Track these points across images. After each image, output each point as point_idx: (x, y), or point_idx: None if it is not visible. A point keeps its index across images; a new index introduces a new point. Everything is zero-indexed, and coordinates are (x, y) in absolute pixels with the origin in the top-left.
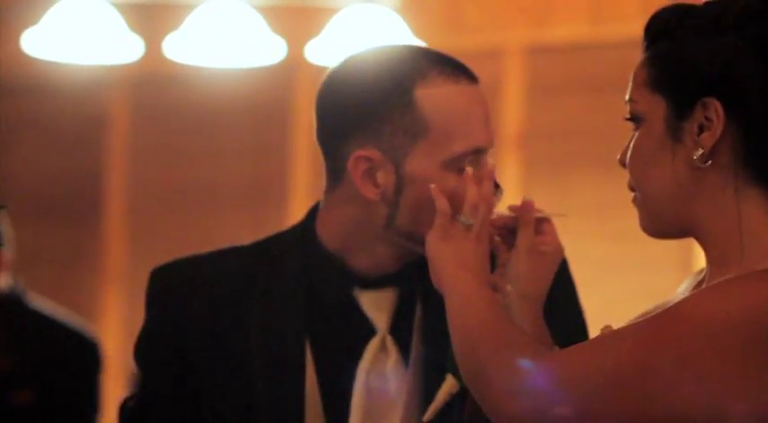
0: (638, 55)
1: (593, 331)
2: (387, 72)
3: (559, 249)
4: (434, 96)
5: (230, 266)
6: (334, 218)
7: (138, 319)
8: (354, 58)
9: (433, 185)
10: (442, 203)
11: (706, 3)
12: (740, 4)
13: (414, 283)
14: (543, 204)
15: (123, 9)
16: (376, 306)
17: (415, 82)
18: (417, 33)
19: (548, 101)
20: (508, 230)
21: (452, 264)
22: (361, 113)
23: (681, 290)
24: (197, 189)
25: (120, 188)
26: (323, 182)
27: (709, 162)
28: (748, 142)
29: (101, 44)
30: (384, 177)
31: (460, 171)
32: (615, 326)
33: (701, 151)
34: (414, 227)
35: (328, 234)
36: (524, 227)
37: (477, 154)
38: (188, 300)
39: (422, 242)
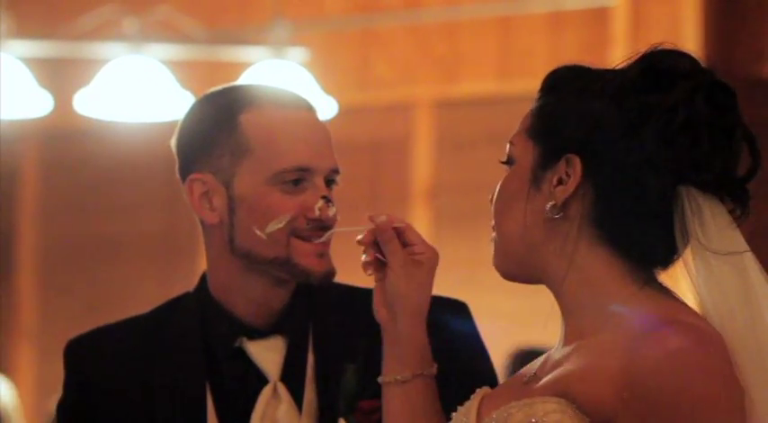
0: None
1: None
2: (219, 104)
3: (434, 254)
4: (257, 119)
5: (134, 334)
6: (209, 262)
7: (50, 373)
8: (197, 99)
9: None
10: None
11: (604, 68)
12: (627, 75)
13: (305, 332)
14: (453, 258)
15: (32, 64)
16: (265, 355)
17: (241, 108)
18: (326, 88)
19: (457, 154)
20: (374, 246)
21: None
22: (196, 142)
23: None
24: (108, 243)
25: (32, 243)
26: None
27: (560, 214)
28: (598, 202)
29: (10, 99)
30: (218, 200)
31: (284, 188)
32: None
33: (552, 202)
34: (250, 246)
35: (211, 282)
36: (389, 243)
37: (303, 172)
38: (99, 367)
39: (259, 261)
